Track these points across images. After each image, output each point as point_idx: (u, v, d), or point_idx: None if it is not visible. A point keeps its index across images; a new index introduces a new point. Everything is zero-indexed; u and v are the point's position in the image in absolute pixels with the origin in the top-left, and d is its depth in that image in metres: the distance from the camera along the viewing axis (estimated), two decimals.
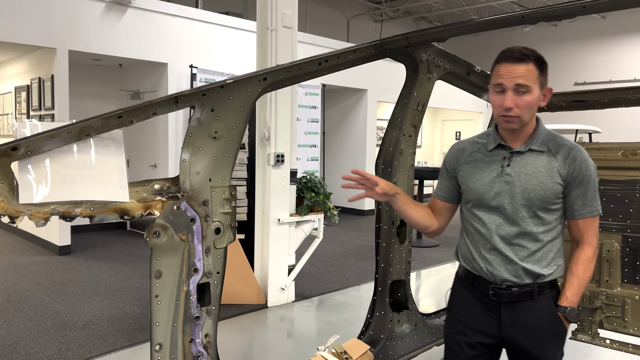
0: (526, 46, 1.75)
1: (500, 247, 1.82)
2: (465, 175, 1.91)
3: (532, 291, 1.80)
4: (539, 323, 1.81)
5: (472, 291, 1.90)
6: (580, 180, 1.79)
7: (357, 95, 11.13)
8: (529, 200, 1.79)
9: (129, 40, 7.34)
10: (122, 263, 6.53)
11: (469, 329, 1.89)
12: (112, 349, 3.92)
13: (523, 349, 1.83)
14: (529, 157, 1.81)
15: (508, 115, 1.74)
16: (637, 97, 2.91)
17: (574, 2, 1.72)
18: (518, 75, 1.70)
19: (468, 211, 1.92)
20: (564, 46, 16.79)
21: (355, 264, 6.76)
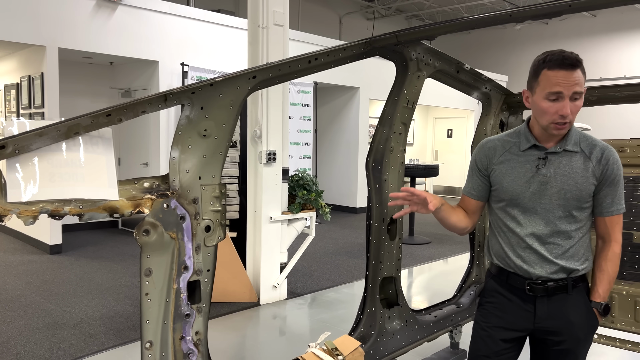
0: (571, 51, 1.75)
1: (535, 246, 1.86)
2: (499, 175, 1.92)
3: (566, 285, 1.86)
4: (575, 316, 1.87)
5: (507, 287, 1.94)
6: (612, 180, 1.84)
7: (349, 93, 11.14)
8: (566, 200, 1.82)
9: (119, 37, 7.30)
10: (113, 262, 6.51)
11: (505, 324, 1.94)
12: (103, 347, 3.92)
13: (557, 342, 1.88)
14: (564, 157, 1.84)
15: (563, 122, 1.75)
16: (624, 94, 2.94)
17: (560, 1, 1.74)
18: (575, 82, 1.71)
19: (501, 210, 1.94)
20: (554, 44, 16.86)
21: (348, 262, 6.78)
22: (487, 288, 2.04)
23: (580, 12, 1.77)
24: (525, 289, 1.88)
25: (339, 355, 2.39)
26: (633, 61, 15.78)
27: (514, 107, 3.39)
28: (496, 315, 1.97)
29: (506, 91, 3.31)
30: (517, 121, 3.44)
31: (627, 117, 14.58)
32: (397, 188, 2.70)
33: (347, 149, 11.28)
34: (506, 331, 1.94)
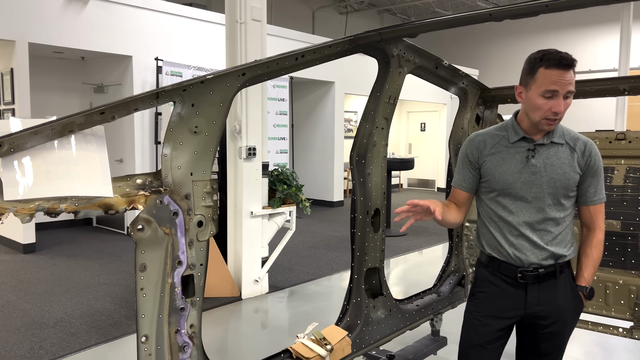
0: (565, 51, 1.84)
1: (527, 233, 1.95)
2: (490, 167, 2.00)
3: (555, 271, 1.96)
4: (563, 300, 1.99)
5: (498, 276, 2.03)
6: (595, 171, 1.96)
7: (324, 88, 11.19)
8: (555, 189, 1.93)
9: (91, 32, 7.18)
10: (90, 260, 6.44)
11: (496, 312, 2.03)
12: (85, 345, 3.90)
13: (545, 325, 1.99)
14: (552, 149, 1.95)
15: (555, 119, 1.86)
16: (594, 89, 3.07)
17: (537, 2, 1.83)
18: (569, 82, 1.82)
19: (492, 200, 2.02)
20: (522, 38, 17.25)
21: (327, 255, 6.86)
22: (478, 277, 2.12)
23: (555, 12, 1.86)
24: (517, 277, 1.97)
25: (327, 345, 2.45)
26: (597, 55, 16.26)
27: (489, 102, 3.49)
28: (488, 304, 2.05)
29: (482, 86, 3.42)
30: (492, 115, 3.55)
31: (593, 109, 15.02)
32: (381, 181, 2.78)
33: (324, 143, 11.35)
34: (498, 319, 2.03)
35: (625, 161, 2.96)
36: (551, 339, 2.02)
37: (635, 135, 2.95)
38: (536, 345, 2.05)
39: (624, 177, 2.96)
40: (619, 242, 2.93)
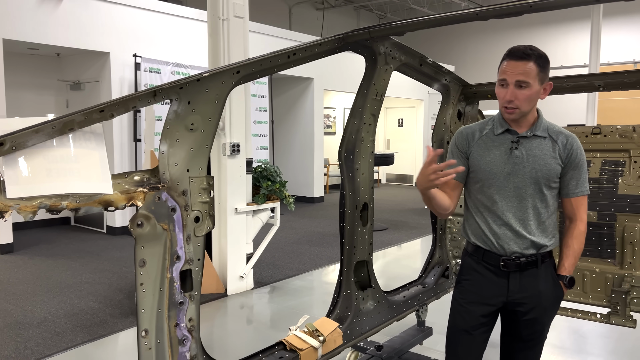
0: (531, 45, 1.96)
1: (510, 222, 2.04)
2: (477, 157, 2.10)
3: (536, 260, 2.05)
4: (544, 288, 2.07)
5: (482, 264, 2.11)
6: (576, 164, 2.05)
7: (304, 84, 11.22)
8: (536, 179, 2.02)
9: (67, 28, 7.07)
10: (70, 259, 6.36)
11: (480, 299, 2.11)
12: (72, 344, 3.88)
13: (525, 312, 2.07)
14: (534, 141, 2.04)
15: (509, 106, 1.97)
16: (570, 85, 3.19)
17: (522, 2, 1.91)
18: (519, 72, 1.92)
19: (478, 191, 2.11)
20: (496, 35, 17.55)
21: (310, 250, 6.92)
22: (463, 266, 2.21)
23: (539, 12, 1.95)
24: (499, 265, 2.06)
25: (319, 336, 2.51)
26: (568, 51, 16.66)
27: (470, 98, 3.59)
28: (472, 291, 2.14)
29: (463, 82, 3.51)
30: (473, 111, 3.65)
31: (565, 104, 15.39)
32: (368, 176, 2.84)
33: (304, 139, 11.39)
34: (482, 306, 2.11)
35: (601, 154, 3.09)
36: (532, 326, 2.11)
37: (610, 130, 3.07)
38: (518, 332, 2.14)
39: (599, 170, 3.08)
40: (595, 232, 3.05)
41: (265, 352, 2.39)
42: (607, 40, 14.88)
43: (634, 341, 3.89)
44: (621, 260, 2.97)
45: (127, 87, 7.77)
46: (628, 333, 3.92)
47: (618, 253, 2.98)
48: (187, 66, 8.20)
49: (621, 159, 3.02)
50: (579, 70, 15.76)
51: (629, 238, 2.93)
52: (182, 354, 1.95)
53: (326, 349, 2.53)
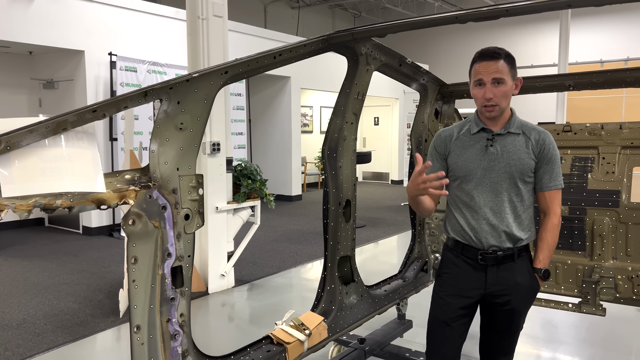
0: (497, 46, 2.07)
1: (487, 216, 2.13)
2: (455, 156, 2.19)
3: (513, 254, 2.14)
4: (520, 281, 2.16)
5: (461, 258, 2.20)
6: (549, 159, 2.15)
7: (280, 83, 11.25)
8: (511, 174, 2.11)
9: (40, 26, 6.96)
10: (47, 260, 6.28)
11: (459, 292, 2.20)
12: (53, 345, 3.86)
13: (502, 304, 2.17)
14: (508, 138, 2.14)
15: (489, 105, 2.06)
16: (543, 84, 3.32)
17: (498, 7, 2.01)
18: (493, 70, 2.02)
19: (456, 188, 2.20)
20: (469, 35, 17.86)
21: (289, 248, 6.97)
22: (443, 260, 2.31)
23: (514, 16, 2.05)
24: (478, 259, 2.16)
25: (305, 330, 2.57)
26: (539, 51, 17.08)
27: (446, 97, 3.70)
28: (452, 284, 2.23)
29: (440, 82, 3.61)
30: (450, 109, 3.76)
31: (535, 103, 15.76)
32: (351, 174, 2.92)
33: (281, 138, 11.42)
34: (461, 298, 2.21)
35: (572, 151, 3.23)
36: (509, 317, 2.21)
37: (580, 128, 3.22)
38: (496, 323, 2.24)
39: (570, 166, 3.23)
40: (567, 226, 3.19)
41: (253, 346, 2.44)
42: (575, 40, 15.30)
43: (604, 330, 4.07)
44: (591, 252, 3.12)
45: (103, 85, 7.69)
46: (598, 322, 4.10)
47: (588, 245, 3.13)
48: (164, 65, 8.15)
49: (590, 156, 3.16)
50: (548, 69, 16.17)
51: (598, 231, 3.07)
52: (174, 348, 1.99)
53: (312, 342, 2.60)
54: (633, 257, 3.03)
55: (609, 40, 15.99)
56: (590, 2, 1.88)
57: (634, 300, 3.02)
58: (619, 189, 3.04)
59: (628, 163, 3.06)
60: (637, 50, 15.52)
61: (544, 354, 3.74)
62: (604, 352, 3.73)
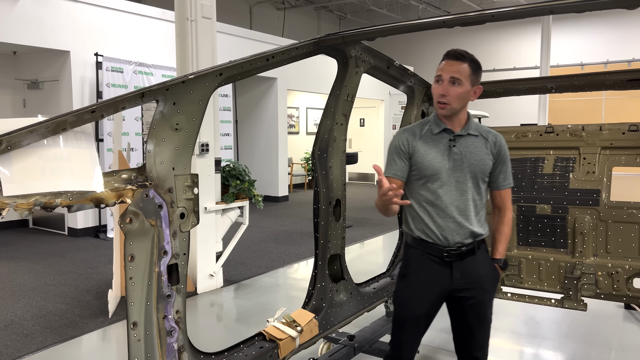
0: (467, 51, 2.15)
1: (453, 215, 2.19)
2: (419, 156, 2.23)
3: (474, 248, 2.23)
4: (484, 272, 2.25)
5: (426, 256, 2.24)
6: (504, 160, 2.27)
7: (267, 84, 11.28)
8: (474, 174, 2.20)
9: (25, 26, 6.90)
10: (32, 262, 6.23)
11: (427, 289, 2.25)
12: (42, 346, 3.85)
13: (469, 297, 2.24)
14: (469, 139, 2.22)
15: (442, 101, 2.14)
16: (526, 87, 3.42)
17: (484, 12, 2.09)
18: (454, 70, 2.11)
19: (421, 187, 2.24)
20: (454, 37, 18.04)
21: (277, 248, 7.01)
22: (407, 259, 2.34)
23: (499, 21, 2.13)
24: (443, 256, 2.22)
25: (297, 327, 2.63)
26: (521, 53, 17.35)
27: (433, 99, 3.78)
28: (419, 283, 2.27)
29: (427, 84, 3.69)
30: None
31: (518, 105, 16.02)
32: (341, 174, 2.98)
33: (268, 139, 11.44)
34: (429, 295, 2.26)
35: (554, 152, 3.33)
36: (476, 308, 2.27)
37: (562, 129, 3.32)
38: (465, 316, 2.30)
39: (552, 166, 3.33)
40: (549, 224, 3.29)
41: (246, 343, 2.49)
42: (556, 43, 15.58)
43: (586, 326, 4.19)
44: (573, 250, 3.22)
45: (89, 86, 7.65)
46: (580, 319, 4.21)
47: (570, 243, 3.23)
48: (150, 65, 8.14)
49: (572, 156, 3.27)
50: (530, 71, 16.43)
51: (579, 229, 3.17)
52: (170, 344, 2.03)
53: (303, 338, 2.66)
54: (613, 254, 3.14)
55: (589, 43, 16.32)
56: (571, 9, 1.97)
57: (614, 295, 3.13)
58: (600, 188, 3.15)
59: (608, 163, 3.17)
60: (616, 53, 15.87)
61: (527, 350, 3.84)
62: (586, 347, 3.84)
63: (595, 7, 1.97)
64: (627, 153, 3.12)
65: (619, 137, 3.13)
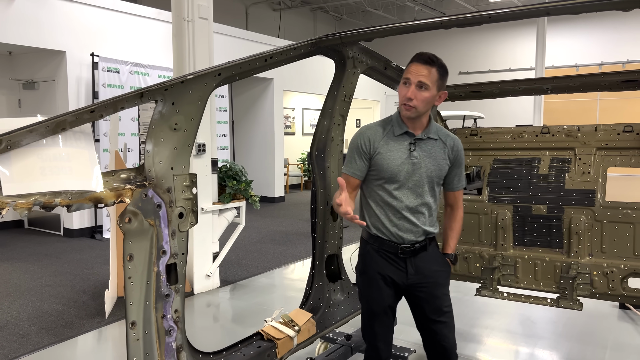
0: (436, 55, 2.18)
1: (407, 215, 2.27)
2: (380, 157, 2.27)
3: (426, 245, 2.32)
4: (436, 268, 2.34)
5: (382, 252, 2.32)
6: (459, 163, 2.35)
7: (263, 84, 11.28)
8: (431, 178, 2.27)
9: (21, 25, 6.88)
10: (28, 262, 6.21)
11: (386, 282, 2.32)
12: (38, 347, 3.84)
13: (425, 292, 2.31)
14: (428, 143, 2.27)
15: (408, 104, 2.17)
16: (522, 88, 3.44)
17: (481, 14, 2.11)
18: (422, 74, 2.14)
19: (379, 187, 2.30)
20: (447, 38, 18.12)
21: (273, 249, 7.01)
22: (364, 255, 2.40)
23: (496, 22, 2.15)
24: (398, 253, 2.29)
25: (295, 326, 2.63)
26: (516, 54, 17.42)
27: None
28: (379, 277, 2.33)
29: None
30: (432, 112, 3.84)
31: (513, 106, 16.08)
32: (338, 174, 2.99)
33: (264, 139, 11.45)
34: (389, 288, 2.33)
35: (550, 152, 3.35)
36: (432, 301, 2.34)
37: (557, 130, 3.34)
38: (422, 310, 2.36)
39: (548, 167, 3.35)
40: (545, 224, 3.31)
41: (244, 342, 2.50)
42: (551, 45, 15.65)
43: (581, 325, 4.21)
44: (568, 250, 3.24)
45: (85, 86, 7.63)
46: (575, 318, 4.24)
47: (565, 243, 3.25)
48: (146, 66, 8.13)
49: (567, 157, 3.29)
50: (526, 72, 16.50)
51: (575, 229, 3.19)
52: (169, 344, 2.03)
53: (301, 338, 2.67)
54: (608, 254, 3.16)
55: (584, 45, 16.41)
56: (568, 10, 1.99)
57: (609, 295, 3.15)
58: (595, 188, 3.17)
59: (603, 164, 3.19)
60: (610, 55, 15.96)
61: (523, 349, 3.86)
62: (581, 346, 3.86)
63: (591, 9, 1.99)
64: (622, 154, 3.15)
65: (614, 138, 3.16)
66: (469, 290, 3.68)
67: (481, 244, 3.44)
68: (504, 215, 3.37)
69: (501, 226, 3.37)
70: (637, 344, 3.88)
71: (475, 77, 17.52)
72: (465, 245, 3.47)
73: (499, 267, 3.37)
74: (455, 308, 2.44)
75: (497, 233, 3.39)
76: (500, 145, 3.54)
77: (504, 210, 3.38)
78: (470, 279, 3.50)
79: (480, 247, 3.43)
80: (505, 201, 3.40)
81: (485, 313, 4.44)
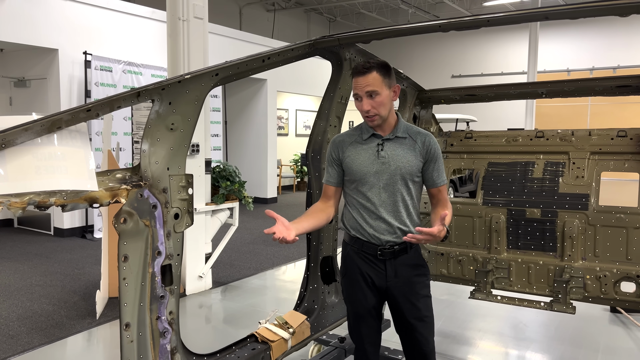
0: (369, 59, 2.22)
1: (383, 215, 2.27)
2: (349, 162, 2.31)
3: (406, 247, 2.30)
4: (416, 271, 2.32)
5: (362, 254, 2.33)
6: (435, 158, 2.31)
7: (257, 85, 11.26)
8: (402, 175, 2.26)
9: (12, 23, 6.81)
10: (17, 262, 6.15)
11: (367, 284, 2.33)
12: (28, 347, 3.79)
13: (402, 294, 2.30)
14: (396, 142, 2.28)
15: (369, 115, 2.20)
16: (517, 91, 3.45)
17: (480, 17, 2.11)
18: (366, 84, 2.16)
19: (354, 190, 2.32)
20: (442, 42, 18.19)
21: (266, 250, 6.99)
22: (346, 258, 2.41)
23: (495, 26, 2.15)
24: (377, 254, 2.29)
25: (289, 328, 2.62)
26: (509, 59, 17.53)
27: (424, 102, 3.81)
28: (360, 279, 2.34)
29: (419, 88, 3.72)
30: (427, 114, 3.86)
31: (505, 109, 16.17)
32: None
33: (257, 140, 11.41)
34: (371, 290, 2.33)
35: (544, 156, 3.37)
36: (411, 306, 2.32)
37: (552, 134, 3.36)
38: (402, 314, 2.34)
39: (542, 170, 3.36)
40: (539, 228, 3.32)
41: (238, 345, 2.48)
42: (543, 49, 15.76)
43: (573, 329, 4.23)
44: (562, 253, 3.25)
45: (77, 84, 7.57)
46: (567, 321, 4.26)
47: (559, 246, 3.26)
48: (140, 65, 8.08)
49: (561, 161, 3.30)
50: (518, 76, 16.61)
51: (568, 232, 3.21)
52: (163, 345, 2.01)
53: (295, 340, 2.65)
54: (601, 258, 3.17)
55: (575, 50, 16.55)
56: (565, 15, 1.99)
57: (602, 299, 3.16)
58: (588, 192, 3.19)
59: (597, 168, 3.21)
60: (601, 60, 16.11)
61: (515, 352, 3.87)
62: (573, 350, 3.88)
63: (589, 14, 1.99)
64: (616, 158, 3.17)
65: (608, 143, 3.18)
66: (462, 293, 3.69)
67: (475, 247, 3.45)
68: (498, 219, 3.38)
69: (495, 229, 3.38)
70: (628, 347, 3.91)
71: (467, 81, 17.60)
72: (459, 248, 3.47)
73: (493, 270, 3.38)
74: (448, 310, 2.44)
75: (491, 236, 3.40)
76: (495, 148, 3.54)
77: (498, 213, 3.39)
78: (463, 281, 3.50)
79: (474, 250, 3.44)
80: (499, 204, 3.40)
81: (478, 316, 4.45)
